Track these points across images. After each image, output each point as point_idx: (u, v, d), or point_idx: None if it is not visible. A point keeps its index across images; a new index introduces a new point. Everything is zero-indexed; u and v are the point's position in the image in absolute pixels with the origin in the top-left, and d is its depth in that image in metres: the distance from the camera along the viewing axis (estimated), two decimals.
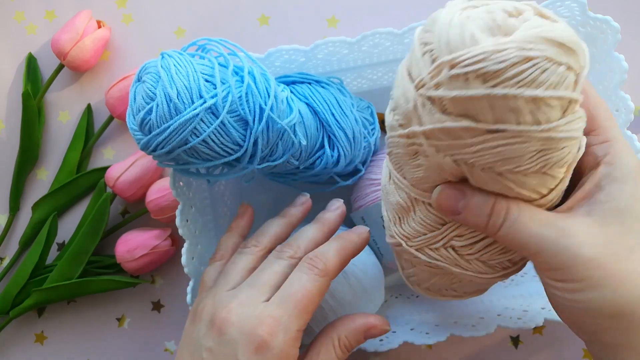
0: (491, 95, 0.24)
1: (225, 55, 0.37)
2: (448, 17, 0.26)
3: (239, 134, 0.35)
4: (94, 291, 0.50)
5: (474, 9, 0.26)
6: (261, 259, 0.38)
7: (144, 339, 0.52)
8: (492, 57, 0.24)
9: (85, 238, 0.50)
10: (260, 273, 0.36)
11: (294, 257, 0.36)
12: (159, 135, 0.34)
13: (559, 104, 0.25)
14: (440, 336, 0.41)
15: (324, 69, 0.46)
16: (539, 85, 0.24)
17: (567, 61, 0.24)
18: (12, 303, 0.51)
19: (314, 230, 0.38)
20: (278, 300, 0.34)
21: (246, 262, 0.37)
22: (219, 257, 0.40)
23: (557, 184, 0.29)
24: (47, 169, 0.54)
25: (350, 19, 0.53)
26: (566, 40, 0.24)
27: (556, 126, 0.25)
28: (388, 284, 0.48)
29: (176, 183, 0.41)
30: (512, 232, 0.29)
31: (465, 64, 0.24)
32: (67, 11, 0.54)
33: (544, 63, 0.24)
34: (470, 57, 0.24)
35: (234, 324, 0.33)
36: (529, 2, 0.27)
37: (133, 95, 0.35)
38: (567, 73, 0.25)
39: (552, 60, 0.24)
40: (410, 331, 0.42)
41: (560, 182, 0.29)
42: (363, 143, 0.43)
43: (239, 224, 0.42)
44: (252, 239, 0.39)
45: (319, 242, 0.38)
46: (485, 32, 0.25)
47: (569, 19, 0.41)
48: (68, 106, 0.54)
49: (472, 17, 0.25)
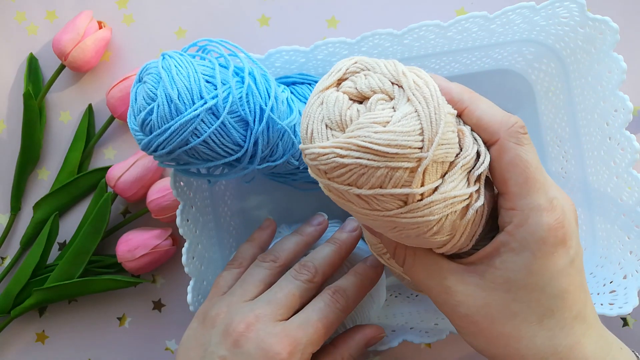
0: (330, 186, 0.28)
1: (226, 56, 0.37)
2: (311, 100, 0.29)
3: (240, 135, 0.35)
4: (94, 291, 0.51)
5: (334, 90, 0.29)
6: (279, 275, 0.38)
7: (145, 338, 0.52)
8: (319, 158, 0.27)
9: (86, 238, 0.50)
10: (279, 291, 0.36)
11: (312, 281, 0.37)
12: (160, 135, 0.34)
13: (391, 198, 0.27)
14: (440, 335, 0.41)
15: (324, 70, 0.46)
16: (362, 186, 0.27)
17: (388, 164, 0.26)
18: (13, 302, 0.51)
19: (331, 253, 0.39)
20: (299, 322, 0.35)
21: (264, 275, 0.38)
22: (237, 265, 0.40)
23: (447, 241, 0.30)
24: (49, 169, 0.54)
25: (350, 20, 0.53)
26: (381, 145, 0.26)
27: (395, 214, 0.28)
28: (387, 283, 0.48)
29: (177, 183, 0.41)
30: (409, 274, 0.33)
31: (308, 157, 0.28)
32: (68, 12, 0.54)
33: (359, 169, 0.26)
34: (308, 153, 0.28)
35: (252, 339, 0.34)
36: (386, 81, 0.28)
37: (134, 95, 0.35)
38: (392, 172, 0.26)
39: (366, 167, 0.26)
40: (409, 330, 0.42)
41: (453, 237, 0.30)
42: None
43: (261, 236, 0.43)
44: (270, 254, 0.39)
45: (336, 266, 0.39)
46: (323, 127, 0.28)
47: (567, 19, 0.41)
48: (69, 106, 0.54)
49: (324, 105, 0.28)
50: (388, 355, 0.49)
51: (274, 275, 0.38)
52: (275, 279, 0.38)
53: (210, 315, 0.36)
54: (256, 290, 0.37)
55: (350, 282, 0.38)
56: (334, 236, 0.40)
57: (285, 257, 0.39)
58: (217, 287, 0.39)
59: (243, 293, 0.37)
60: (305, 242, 0.41)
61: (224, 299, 0.37)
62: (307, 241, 0.41)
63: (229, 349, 0.34)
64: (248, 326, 0.34)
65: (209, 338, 0.35)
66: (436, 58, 0.47)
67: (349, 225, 0.41)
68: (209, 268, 0.44)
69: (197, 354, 0.35)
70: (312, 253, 0.39)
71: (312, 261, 0.38)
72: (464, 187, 0.28)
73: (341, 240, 0.40)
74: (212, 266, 0.45)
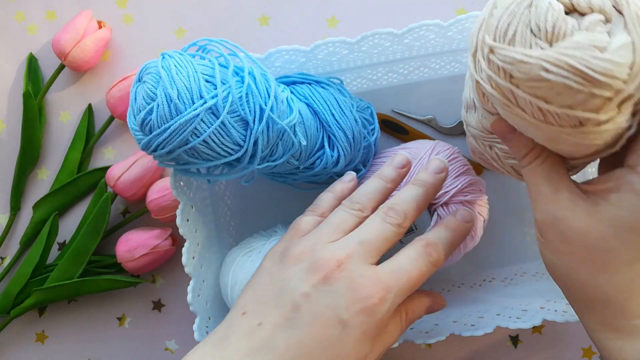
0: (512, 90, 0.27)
1: (226, 56, 0.37)
2: None
3: (239, 134, 0.35)
4: (94, 291, 0.51)
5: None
6: None
7: (145, 338, 0.52)
8: (519, 65, 0.26)
9: (86, 238, 0.50)
10: (369, 232, 0.34)
11: (402, 226, 0.35)
12: (160, 135, 0.34)
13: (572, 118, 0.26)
14: (440, 335, 0.41)
15: (324, 69, 0.46)
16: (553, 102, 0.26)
17: (592, 90, 0.25)
18: (13, 302, 0.51)
19: (419, 197, 0.36)
20: (391, 269, 0.33)
21: (352, 222, 0.36)
22: (319, 213, 0.38)
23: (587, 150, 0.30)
24: (48, 169, 0.54)
25: (350, 20, 0.53)
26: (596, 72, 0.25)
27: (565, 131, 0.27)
28: None
29: (177, 183, 0.41)
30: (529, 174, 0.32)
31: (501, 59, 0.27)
32: (67, 11, 0.54)
33: (560, 88, 0.25)
34: (505, 55, 0.26)
35: (343, 278, 0.32)
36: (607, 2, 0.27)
37: (134, 95, 0.35)
38: (591, 99, 0.25)
39: (569, 88, 0.25)
40: (410, 330, 0.42)
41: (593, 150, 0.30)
42: (363, 143, 0.44)
43: (343, 189, 0.40)
44: (356, 202, 0.37)
45: (422, 210, 0.37)
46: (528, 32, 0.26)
47: None
48: (69, 106, 0.54)
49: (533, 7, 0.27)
50: (388, 355, 0.49)
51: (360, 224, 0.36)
52: None
53: (293, 253, 0.34)
54: (343, 234, 0.35)
55: (443, 237, 0.36)
56: (418, 177, 0.38)
57: (371, 207, 0.37)
58: (297, 229, 0.37)
59: (330, 233, 0.35)
60: (389, 190, 0.38)
61: (308, 238, 0.35)
62: (391, 188, 0.38)
63: (315, 286, 0.32)
64: (340, 264, 0.32)
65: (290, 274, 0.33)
66: (436, 57, 0.47)
67: (435, 166, 0.38)
68: (209, 268, 0.44)
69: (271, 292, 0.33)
70: (399, 194, 0.37)
71: (399, 204, 0.36)
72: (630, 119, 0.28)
73: (428, 182, 0.37)
74: (212, 266, 0.45)
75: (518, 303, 0.43)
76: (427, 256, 0.34)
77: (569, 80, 0.25)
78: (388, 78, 0.49)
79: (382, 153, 0.46)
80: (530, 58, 0.26)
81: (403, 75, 0.49)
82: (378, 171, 0.39)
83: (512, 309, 0.42)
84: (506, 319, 0.40)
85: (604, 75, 0.25)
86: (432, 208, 0.42)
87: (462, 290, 0.48)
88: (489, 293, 0.46)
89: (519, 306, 0.42)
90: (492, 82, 0.28)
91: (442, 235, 0.36)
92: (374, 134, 0.45)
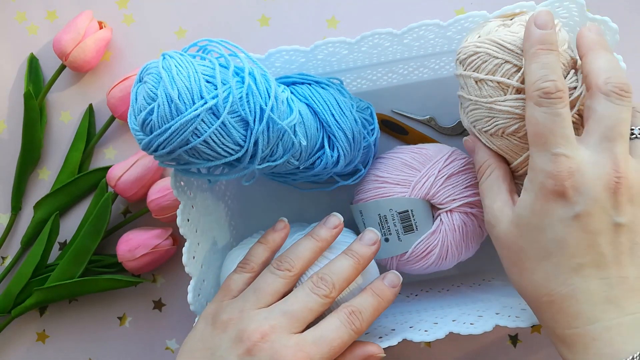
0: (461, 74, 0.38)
1: (226, 56, 0.37)
2: None
3: (240, 135, 0.35)
4: (95, 290, 0.51)
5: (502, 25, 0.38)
6: (293, 283, 0.38)
7: (145, 338, 0.52)
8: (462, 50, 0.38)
9: (87, 237, 0.50)
10: (295, 303, 0.36)
11: (329, 296, 0.37)
12: (160, 135, 0.34)
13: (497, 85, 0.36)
14: (439, 334, 0.41)
15: (324, 70, 0.46)
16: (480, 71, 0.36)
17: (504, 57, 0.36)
18: (13, 302, 0.51)
19: (349, 268, 0.38)
20: (313, 338, 0.35)
21: (279, 285, 0.37)
22: (249, 269, 0.39)
23: None
24: (49, 169, 0.54)
25: (350, 20, 0.53)
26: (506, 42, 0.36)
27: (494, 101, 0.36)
28: None
29: (177, 183, 0.41)
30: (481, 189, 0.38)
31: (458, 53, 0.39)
32: (68, 12, 0.54)
33: (484, 56, 0.36)
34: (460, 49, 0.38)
35: (266, 350, 0.34)
36: None
37: (134, 95, 0.36)
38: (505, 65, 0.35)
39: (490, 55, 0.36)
40: (409, 329, 0.42)
41: None
42: (363, 143, 0.44)
43: (275, 239, 0.41)
44: (285, 262, 0.38)
45: (352, 281, 0.39)
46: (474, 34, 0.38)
47: (567, 19, 0.41)
48: (69, 106, 0.54)
49: None
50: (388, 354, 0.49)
51: (288, 285, 0.38)
52: (289, 287, 0.38)
53: (222, 319, 0.36)
54: (270, 299, 0.37)
55: (368, 304, 0.37)
56: (352, 247, 0.39)
57: (300, 266, 0.38)
58: (227, 289, 0.39)
59: (257, 300, 0.36)
60: (321, 249, 0.40)
61: (236, 303, 0.37)
62: (322, 247, 0.40)
63: (240, 357, 0.34)
64: (263, 336, 0.34)
65: (219, 342, 0.35)
66: (436, 58, 0.47)
67: (368, 237, 0.40)
68: (209, 268, 0.44)
69: (203, 356, 0.35)
70: (330, 265, 0.38)
71: (329, 275, 0.37)
72: None
73: (360, 254, 0.39)
74: (212, 266, 0.45)
75: (517, 302, 0.43)
76: (349, 325, 0.36)
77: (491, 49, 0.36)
78: (388, 78, 0.49)
79: (391, 151, 0.46)
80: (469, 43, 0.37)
81: (403, 75, 0.49)
82: (312, 230, 0.41)
83: (512, 308, 0.42)
84: (505, 318, 0.40)
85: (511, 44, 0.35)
86: (437, 213, 0.42)
87: (462, 289, 0.48)
88: (489, 292, 0.46)
89: (518, 305, 0.42)
90: (459, 77, 0.38)
91: (367, 303, 0.37)
92: (374, 134, 0.45)
